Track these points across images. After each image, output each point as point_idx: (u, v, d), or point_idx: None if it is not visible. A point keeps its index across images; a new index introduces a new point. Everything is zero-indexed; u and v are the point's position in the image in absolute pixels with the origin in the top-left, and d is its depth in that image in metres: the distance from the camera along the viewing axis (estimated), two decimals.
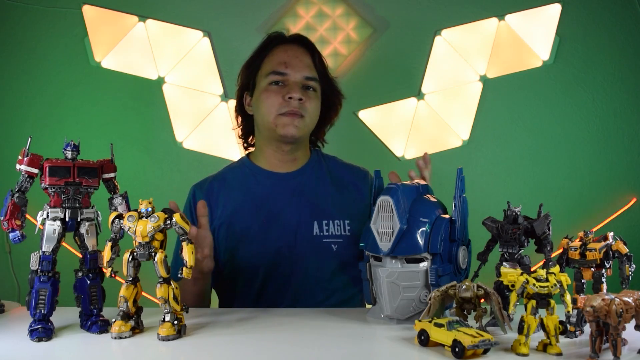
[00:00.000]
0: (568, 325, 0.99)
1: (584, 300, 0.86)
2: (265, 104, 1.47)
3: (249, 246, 1.44)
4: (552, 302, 0.91)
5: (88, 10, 2.41)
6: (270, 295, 1.44)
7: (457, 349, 0.87)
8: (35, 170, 1.03)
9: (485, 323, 1.04)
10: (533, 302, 0.91)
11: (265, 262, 1.44)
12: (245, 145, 1.65)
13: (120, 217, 1.02)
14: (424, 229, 1.07)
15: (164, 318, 1.00)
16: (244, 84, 1.57)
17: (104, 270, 1.05)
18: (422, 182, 1.18)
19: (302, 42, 1.54)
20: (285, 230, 1.45)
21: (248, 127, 1.62)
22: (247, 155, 1.62)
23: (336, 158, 1.65)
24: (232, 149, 2.49)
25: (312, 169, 1.56)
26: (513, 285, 0.93)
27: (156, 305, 1.05)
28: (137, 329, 1.03)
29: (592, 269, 1.03)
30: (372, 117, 2.47)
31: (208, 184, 1.56)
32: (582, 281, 1.04)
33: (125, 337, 1.00)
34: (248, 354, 0.94)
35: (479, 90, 2.47)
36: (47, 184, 1.03)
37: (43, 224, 1.03)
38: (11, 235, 1.02)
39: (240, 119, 1.63)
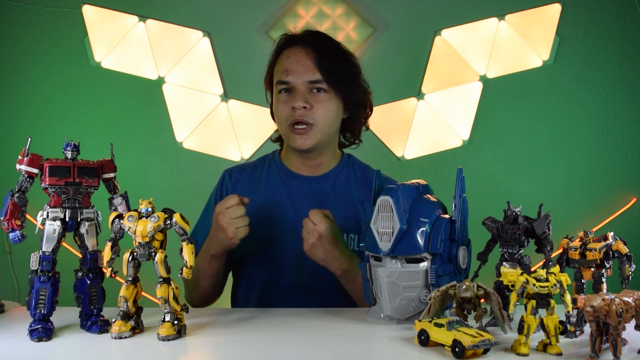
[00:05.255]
0: (568, 325, 0.99)
1: (584, 300, 0.86)
2: (277, 114, 1.46)
3: (258, 245, 1.43)
4: (552, 302, 0.91)
5: (88, 10, 2.42)
6: (273, 298, 1.44)
7: (457, 349, 0.87)
8: (35, 170, 1.03)
9: (485, 323, 1.03)
10: (533, 302, 0.91)
11: (271, 263, 1.44)
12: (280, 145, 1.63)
13: (120, 217, 1.02)
14: (424, 229, 1.07)
15: (164, 318, 1.00)
16: (268, 90, 1.55)
17: (104, 270, 1.05)
18: (422, 182, 1.18)
19: (307, 42, 1.46)
20: (297, 235, 1.39)
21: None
22: (279, 151, 1.60)
23: (369, 168, 1.58)
24: (232, 149, 2.50)
25: (337, 177, 1.52)
26: (513, 285, 0.93)
27: (156, 305, 1.05)
28: (137, 329, 1.03)
29: (592, 269, 1.03)
30: (372, 117, 2.46)
31: (237, 173, 1.56)
32: (582, 281, 1.04)
33: (125, 337, 1.00)
34: (248, 354, 0.94)
35: (479, 90, 2.47)
36: (47, 184, 1.03)
37: (43, 224, 1.03)
38: (11, 235, 1.02)
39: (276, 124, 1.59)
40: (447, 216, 1.11)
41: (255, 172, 1.56)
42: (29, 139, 1.04)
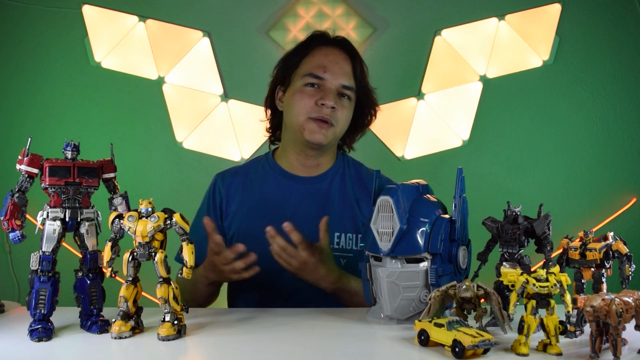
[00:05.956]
0: (568, 325, 0.99)
1: (584, 300, 0.86)
2: (297, 105, 1.45)
3: (256, 247, 1.43)
4: (552, 302, 0.91)
5: (88, 10, 2.42)
6: (273, 299, 1.43)
7: (457, 349, 0.87)
8: (35, 170, 1.03)
9: (485, 323, 1.03)
10: (533, 302, 0.91)
11: (271, 266, 1.43)
12: (272, 139, 1.62)
13: (120, 217, 1.02)
14: (424, 229, 1.07)
15: (164, 318, 1.00)
16: (279, 78, 1.53)
17: (104, 270, 1.05)
18: (422, 182, 1.18)
19: (344, 47, 1.50)
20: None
21: (276, 122, 1.58)
22: (273, 152, 1.60)
23: (362, 166, 1.59)
24: (232, 149, 2.50)
25: (334, 177, 1.52)
26: (513, 285, 0.93)
27: (156, 305, 1.05)
28: (137, 329, 1.03)
29: (592, 269, 1.03)
30: None
31: (229, 176, 1.55)
32: (582, 281, 1.04)
33: (125, 337, 1.00)
34: (248, 354, 0.94)
35: (479, 90, 2.47)
36: (47, 184, 1.03)
37: (43, 224, 1.03)
38: (11, 235, 1.02)
39: (269, 112, 1.59)
40: (447, 216, 1.11)
41: (248, 174, 1.55)
42: (29, 139, 1.04)
